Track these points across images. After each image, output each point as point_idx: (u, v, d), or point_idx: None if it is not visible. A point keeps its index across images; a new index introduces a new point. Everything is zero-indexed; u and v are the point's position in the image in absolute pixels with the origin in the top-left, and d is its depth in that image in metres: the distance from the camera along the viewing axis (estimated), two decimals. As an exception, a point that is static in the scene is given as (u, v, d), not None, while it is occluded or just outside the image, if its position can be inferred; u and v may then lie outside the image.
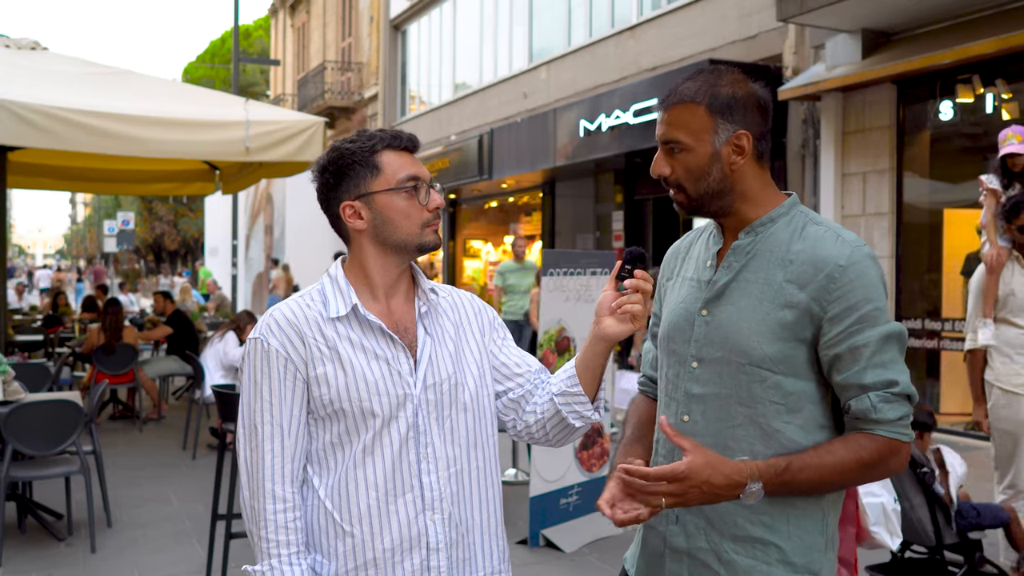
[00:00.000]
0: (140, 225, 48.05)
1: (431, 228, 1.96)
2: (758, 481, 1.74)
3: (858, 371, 1.77)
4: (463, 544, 1.94)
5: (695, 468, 1.71)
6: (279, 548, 1.85)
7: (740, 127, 1.87)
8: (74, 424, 5.69)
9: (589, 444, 5.97)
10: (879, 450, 1.77)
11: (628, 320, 1.92)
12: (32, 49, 8.33)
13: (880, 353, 1.77)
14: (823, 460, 1.77)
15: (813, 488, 1.80)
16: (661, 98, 1.94)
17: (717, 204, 1.90)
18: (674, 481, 1.71)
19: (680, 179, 1.90)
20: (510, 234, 19.34)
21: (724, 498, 1.75)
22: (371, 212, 1.94)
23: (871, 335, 1.77)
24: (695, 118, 1.87)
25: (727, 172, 1.88)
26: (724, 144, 1.87)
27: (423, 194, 1.94)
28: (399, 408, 1.89)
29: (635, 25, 13.95)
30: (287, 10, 31.70)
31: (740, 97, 1.88)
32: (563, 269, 5.84)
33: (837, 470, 1.77)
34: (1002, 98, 8.79)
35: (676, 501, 1.73)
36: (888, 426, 1.77)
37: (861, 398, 1.77)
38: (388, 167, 1.94)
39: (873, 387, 1.77)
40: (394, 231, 1.94)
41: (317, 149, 7.84)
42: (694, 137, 1.87)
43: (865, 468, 1.78)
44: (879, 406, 1.76)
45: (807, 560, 1.84)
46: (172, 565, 5.38)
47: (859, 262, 1.79)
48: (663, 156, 1.93)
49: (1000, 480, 4.80)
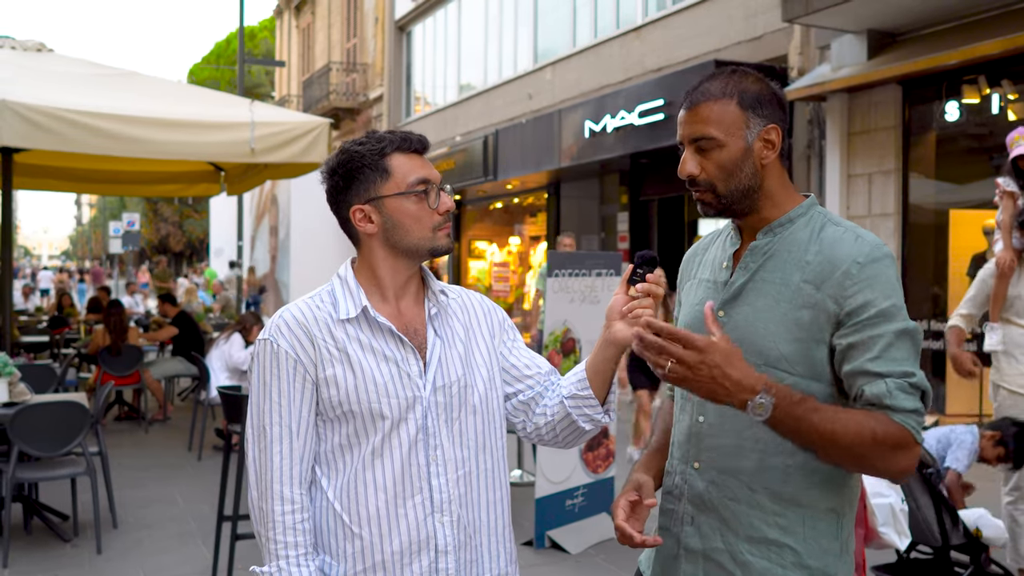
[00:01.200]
0: (145, 226, 48.11)
1: (443, 232, 1.95)
2: (771, 396, 1.66)
3: (872, 359, 1.72)
4: (470, 546, 1.93)
5: (716, 348, 1.65)
6: (287, 549, 1.85)
7: (769, 121, 1.87)
8: (80, 425, 5.70)
9: (595, 445, 5.96)
10: (893, 434, 1.69)
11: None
12: (38, 50, 8.34)
13: (894, 348, 1.73)
14: (839, 414, 1.69)
15: (819, 437, 1.69)
16: (685, 97, 1.91)
17: (745, 203, 1.88)
18: (690, 348, 1.64)
19: (711, 178, 1.87)
20: (515, 235, 19.35)
21: (731, 396, 1.66)
22: (381, 216, 1.93)
23: (887, 328, 1.73)
24: (727, 113, 1.85)
25: (758, 168, 1.87)
26: (756, 139, 1.86)
27: (433, 197, 1.93)
28: (408, 410, 1.89)
29: (640, 26, 13.95)
30: (292, 11, 31.75)
31: (767, 93, 1.88)
32: (568, 270, 5.84)
33: (850, 430, 1.68)
34: (1008, 99, 8.78)
35: (683, 372, 1.65)
36: (904, 415, 1.70)
37: (876, 383, 1.71)
38: (398, 170, 1.93)
39: (889, 375, 1.71)
40: (405, 235, 1.93)
41: (322, 150, 7.84)
42: (726, 132, 1.85)
43: (876, 445, 1.68)
44: (895, 393, 1.70)
45: (822, 564, 1.82)
46: (177, 566, 5.38)
47: (879, 260, 1.77)
48: (692, 155, 1.88)
49: (1006, 482, 4.78)
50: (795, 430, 1.70)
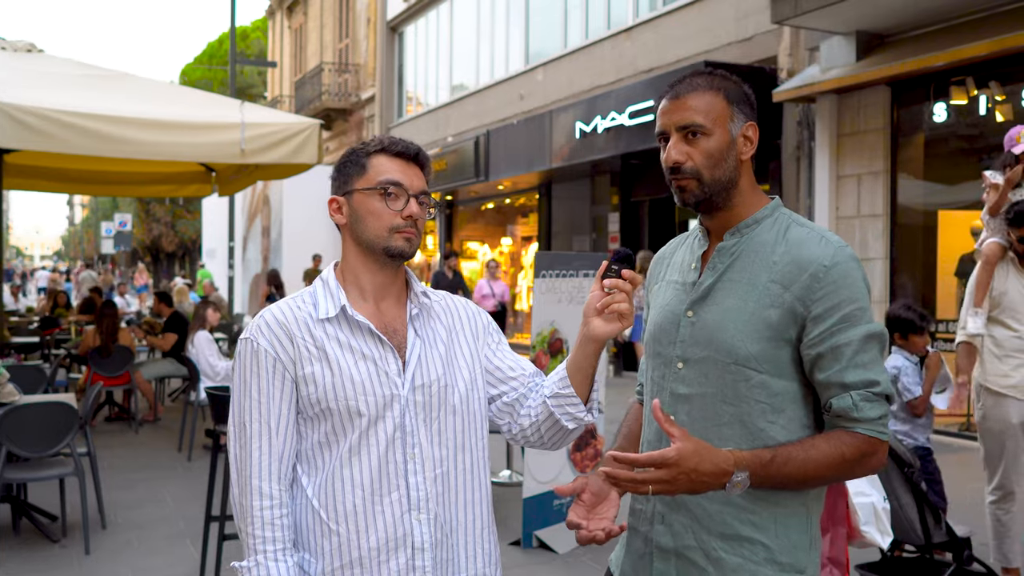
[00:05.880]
0: (137, 227, 48.05)
1: (401, 234, 1.96)
2: (745, 471, 1.74)
3: (840, 370, 1.80)
4: (446, 545, 1.95)
5: (684, 455, 1.69)
6: (265, 544, 1.87)
7: (749, 119, 1.94)
8: (68, 426, 5.70)
9: (582, 445, 5.98)
10: (860, 447, 1.80)
11: (616, 319, 1.92)
12: (28, 51, 8.35)
13: (861, 353, 1.80)
14: (808, 454, 1.79)
15: (796, 482, 1.81)
16: (669, 89, 1.96)
17: (723, 196, 1.92)
18: (663, 466, 1.68)
19: (697, 166, 1.90)
20: (507, 236, 19.38)
21: (710, 487, 1.73)
22: (349, 209, 2.00)
23: (853, 335, 1.80)
24: (715, 104, 1.91)
25: (738, 162, 1.92)
26: (739, 133, 1.92)
27: (399, 200, 1.96)
28: (386, 408, 1.91)
29: (631, 27, 13.98)
30: (284, 12, 31.72)
31: (746, 92, 1.96)
32: (556, 271, 5.86)
33: (821, 465, 1.79)
34: (995, 100, 8.83)
35: (663, 488, 1.71)
36: (869, 425, 1.80)
37: (843, 397, 1.80)
38: (373, 168, 1.97)
39: (854, 386, 1.79)
40: (364, 230, 1.97)
41: (313, 151, 7.86)
42: (714, 122, 1.90)
43: (846, 464, 1.80)
44: (860, 405, 1.79)
45: (793, 559, 1.86)
46: (167, 567, 5.39)
47: (843, 263, 1.82)
48: (680, 142, 1.91)
49: (989, 481, 4.81)
50: (773, 485, 1.81)
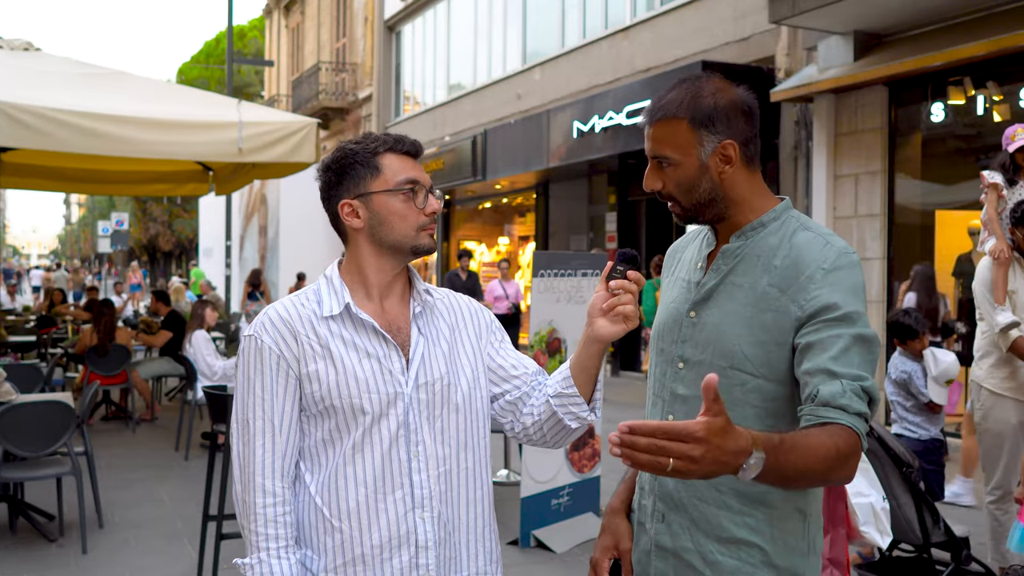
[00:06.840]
0: (134, 226, 47.98)
1: (426, 232, 1.98)
2: (761, 451, 1.51)
3: (829, 359, 1.71)
4: (449, 543, 1.95)
5: (713, 429, 1.42)
6: (267, 541, 1.87)
7: (724, 137, 1.87)
8: (65, 425, 5.69)
9: (580, 445, 5.98)
10: (850, 442, 1.66)
11: (621, 321, 1.91)
12: (25, 50, 8.33)
13: (851, 352, 1.72)
14: (808, 442, 1.64)
15: (797, 472, 1.61)
16: (645, 113, 1.94)
17: (711, 212, 1.92)
18: (689, 440, 1.41)
19: (672, 192, 1.91)
20: (504, 235, 19.37)
21: (728, 467, 1.47)
22: (368, 212, 1.97)
23: (846, 331, 1.73)
24: (678, 133, 1.87)
25: (717, 182, 1.88)
26: (711, 156, 1.87)
27: (421, 198, 1.97)
28: (389, 406, 1.91)
29: (629, 26, 13.98)
30: (281, 11, 31.69)
31: (722, 107, 1.87)
32: (554, 270, 5.86)
33: (819, 456, 1.62)
34: (993, 100, 8.83)
35: (685, 464, 1.41)
36: (853, 416, 1.68)
37: (832, 383, 1.69)
38: (388, 169, 1.97)
39: (844, 376, 1.70)
40: (389, 232, 1.96)
41: (310, 150, 7.85)
42: (680, 152, 1.87)
43: (840, 458, 1.65)
44: (849, 394, 1.69)
45: (790, 563, 1.85)
46: (164, 566, 5.38)
47: (843, 267, 1.78)
48: (653, 171, 1.94)
49: (988, 481, 4.81)
50: (776, 474, 1.57)
